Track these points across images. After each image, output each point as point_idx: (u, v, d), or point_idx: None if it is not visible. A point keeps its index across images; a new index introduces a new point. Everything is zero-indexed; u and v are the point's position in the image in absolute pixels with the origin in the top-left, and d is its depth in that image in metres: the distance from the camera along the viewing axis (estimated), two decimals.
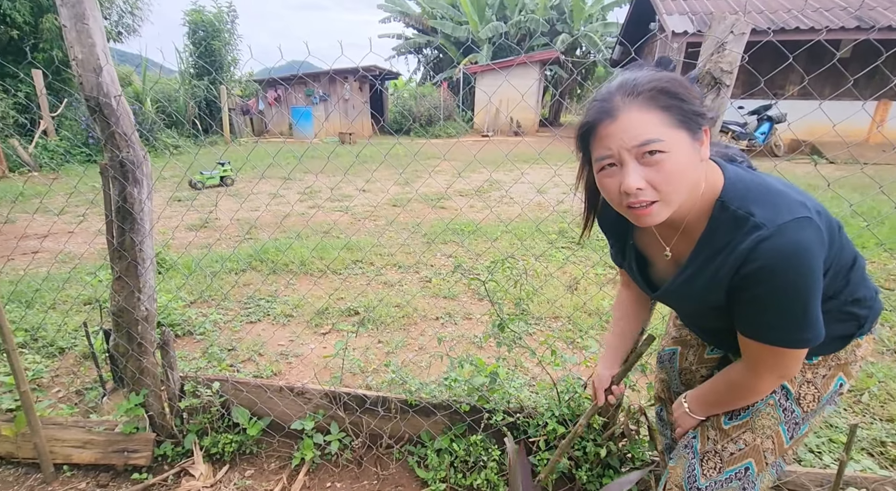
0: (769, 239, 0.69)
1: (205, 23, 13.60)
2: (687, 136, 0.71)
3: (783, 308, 0.73)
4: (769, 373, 0.83)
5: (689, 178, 0.73)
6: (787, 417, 0.90)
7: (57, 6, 1.29)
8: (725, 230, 0.75)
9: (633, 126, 0.70)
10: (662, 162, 0.70)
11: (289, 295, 3.14)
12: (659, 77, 0.72)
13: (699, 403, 0.98)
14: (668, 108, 0.70)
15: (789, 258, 0.69)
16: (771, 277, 0.71)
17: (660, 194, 0.72)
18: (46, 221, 4.88)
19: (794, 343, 0.77)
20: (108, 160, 1.45)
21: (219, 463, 1.69)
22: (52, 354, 2.37)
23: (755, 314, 0.77)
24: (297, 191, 6.74)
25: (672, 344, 1.20)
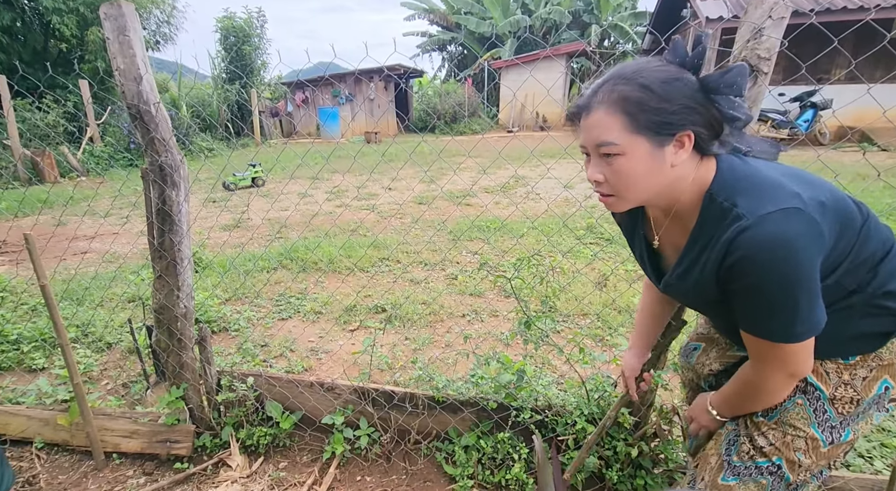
0: (748, 229, 0.70)
1: (235, 29, 14.05)
2: (646, 142, 0.74)
3: (771, 300, 0.73)
4: (776, 370, 0.81)
5: (644, 181, 0.77)
6: (819, 418, 0.86)
7: (101, 20, 1.36)
8: (712, 223, 0.76)
9: (596, 126, 0.76)
10: (616, 163, 0.76)
11: (318, 293, 3.22)
12: (633, 82, 0.73)
13: (723, 403, 0.96)
14: (631, 114, 0.73)
15: (770, 249, 0.69)
16: (753, 269, 0.71)
17: (614, 190, 0.80)
18: (94, 224, 5.18)
19: (788, 337, 0.76)
20: (149, 164, 1.52)
21: (254, 455, 1.76)
22: (101, 349, 2.52)
23: (746, 307, 0.77)
24: (324, 190, 6.89)
25: (697, 339, 1.18)
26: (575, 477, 1.46)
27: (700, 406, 1.01)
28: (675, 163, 0.76)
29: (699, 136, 0.75)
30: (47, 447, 1.81)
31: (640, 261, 1.01)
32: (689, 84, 0.74)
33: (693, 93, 0.74)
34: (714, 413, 0.97)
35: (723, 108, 0.75)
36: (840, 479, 1.32)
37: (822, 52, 1.33)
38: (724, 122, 0.77)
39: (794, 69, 9.08)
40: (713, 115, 0.75)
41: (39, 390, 2.03)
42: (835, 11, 8.37)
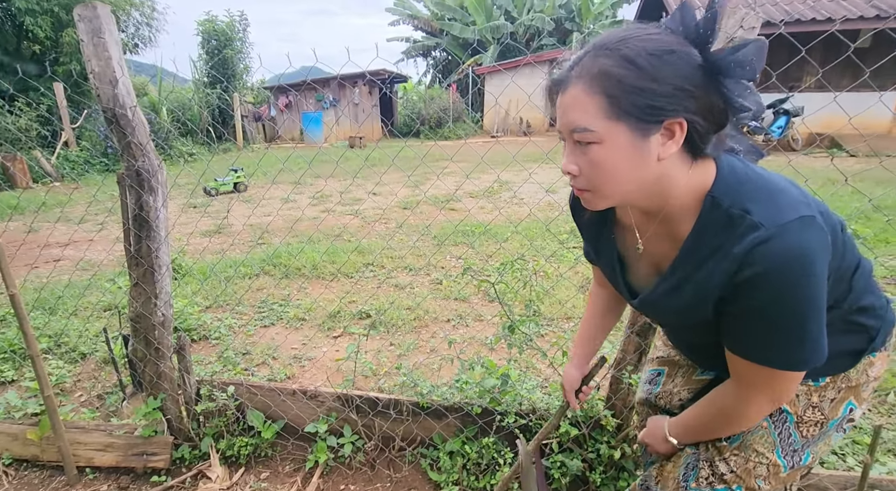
0: (769, 241, 0.59)
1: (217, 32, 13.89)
2: (627, 129, 0.61)
3: (781, 323, 0.64)
4: (761, 396, 0.72)
5: (625, 175, 0.65)
6: (783, 442, 0.80)
7: (75, 21, 1.33)
8: (716, 231, 0.65)
9: (572, 108, 0.64)
10: (592, 152, 0.64)
11: (301, 299, 3.18)
12: (616, 54, 0.60)
13: (683, 430, 0.86)
14: (611, 95, 0.60)
15: (791, 264, 0.59)
16: (769, 286, 0.61)
17: (590, 184, 0.68)
18: (68, 230, 5.02)
19: (792, 365, 0.67)
20: (125, 169, 1.48)
21: (235, 466, 1.72)
22: (75, 360, 2.44)
23: (748, 330, 0.67)
24: (308, 195, 6.82)
25: (658, 364, 1.06)
26: (559, 480, 1.47)
27: (657, 434, 0.91)
28: (662, 156, 0.63)
29: (694, 126, 0.62)
30: (16, 463, 1.74)
31: (607, 271, 0.88)
32: (688, 60, 0.60)
33: (691, 72, 0.60)
34: (674, 442, 0.88)
35: (730, 95, 0.61)
36: (815, 476, 1.35)
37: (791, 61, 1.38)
38: (729, 113, 0.63)
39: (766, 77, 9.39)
40: (715, 102, 0.62)
41: (8, 404, 1.95)
42: (804, 22, 8.71)
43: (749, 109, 0.62)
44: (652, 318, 0.93)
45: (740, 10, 1.12)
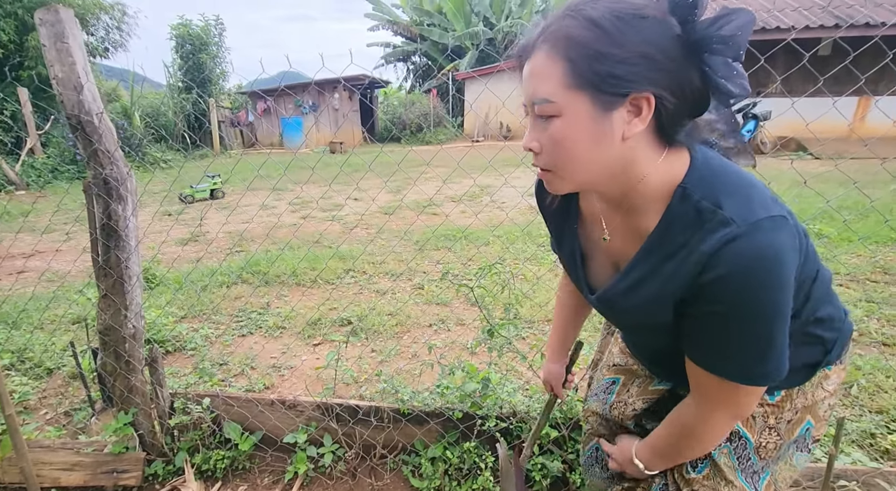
0: (739, 239, 0.54)
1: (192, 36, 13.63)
2: (587, 101, 0.55)
3: (745, 332, 0.59)
4: (720, 411, 0.68)
5: (586, 154, 0.58)
6: (742, 466, 0.77)
7: (36, 26, 1.29)
8: (684, 226, 0.59)
9: (533, 77, 0.58)
10: (552, 126, 0.58)
11: (280, 307, 3.13)
12: (580, 15, 0.55)
13: (652, 455, 0.81)
14: (573, 60, 0.54)
15: (761, 265, 0.55)
16: (736, 290, 0.56)
17: (551, 163, 0.62)
18: (32, 240, 4.83)
19: (753, 378, 0.62)
20: (92, 178, 1.44)
21: (211, 480, 1.67)
22: (40, 376, 2.34)
23: (709, 337, 0.62)
24: (288, 202, 6.73)
25: (615, 373, 0.98)
26: (539, 482, 1.48)
27: (624, 456, 0.86)
28: (627, 134, 0.57)
29: (662, 103, 0.55)
30: None
31: (568, 264, 0.82)
32: (662, 29, 0.53)
33: (664, 42, 0.53)
34: (641, 467, 0.82)
35: (711, 75, 0.55)
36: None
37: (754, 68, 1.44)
38: (711, 96, 0.57)
39: None
40: (691, 81, 0.55)
41: None
42: (769, 30, 9.08)
43: (732, 92, 0.55)
44: (609, 317, 0.86)
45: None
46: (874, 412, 1.85)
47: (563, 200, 0.79)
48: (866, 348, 2.34)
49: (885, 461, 1.59)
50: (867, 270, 3.28)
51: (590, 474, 1.04)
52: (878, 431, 1.72)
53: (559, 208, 0.81)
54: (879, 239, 3.82)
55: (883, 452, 1.64)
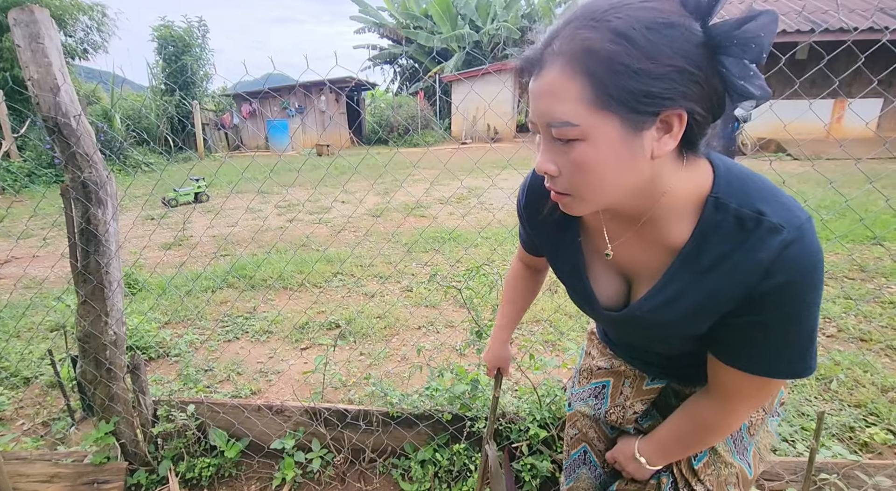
0: (794, 245, 0.53)
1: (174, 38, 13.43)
2: (617, 122, 0.50)
3: (797, 333, 0.58)
4: (745, 404, 0.68)
5: (613, 178, 0.54)
6: (737, 447, 0.81)
7: (10, 26, 1.25)
8: (724, 236, 0.57)
9: (547, 96, 0.52)
10: (575, 151, 0.53)
11: (267, 311, 3.09)
12: (603, 26, 0.48)
13: (658, 451, 0.80)
14: (598, 78, 0.49)
15: (815, 268, 0.54)
16: (795, 295, 0.55)
17: (572, 188, 0.57)
18: (8, 246, 4.69)
19: (800, 372, 0.62)
20: (70, 181, 1.41)
21: (196, 488, 1.64)
22: (16, 385, 2.27)
23: (761, 342, 0.60)
24: (273, 204, 6.66)
25: (602, 376, 0.95)
26: (529, 483, 1.48)
27: (625, 453, 0.85)
28: (657, 153, 0.53)
29: (694, 117, 0.51)
30: None
31: (570, 278, 0.77)
32: (689, 36, 0.48)
33: (693, 50, 0.48)
34: (643, 461, 0.81)
35: (730, 77, 0.51)
36: (768, 463, 1.42)
37: None
38: (729, 99, 0.53)
39: None
40: (716, 87, 0.51)
41: None
42: None
43: (753, 95, 0.52)
44: (621, 331, 0.81)
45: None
46: (853, 406, 1.90)
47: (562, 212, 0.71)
48: (844, 344, 2.40)
49: (864, 454, 1.63)
50: (844, 267, 3.37)
51: (574, 478, 1.02)
52: (856, 424, 1.77)
53: (555, 221, 0.74)
54: (855, 238, 3.93)
55: (862, 444, 1.68)
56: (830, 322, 2.63)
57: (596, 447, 0.98)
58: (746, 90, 0.51)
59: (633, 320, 0.70)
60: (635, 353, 0.89)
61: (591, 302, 0.74)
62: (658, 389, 0.87)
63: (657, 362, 0.85)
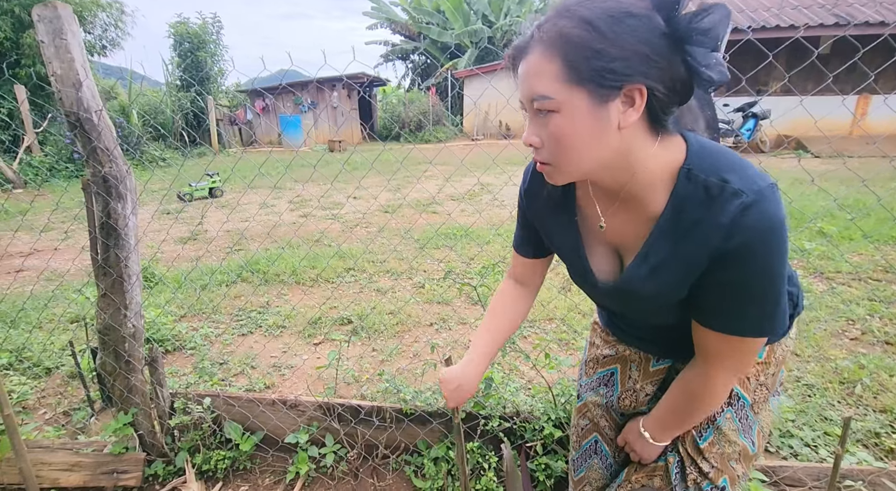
0: (752, 207, 0.60)
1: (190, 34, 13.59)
2: (585, 96, 0.59)
3: (762, 290, 0.64)
4: (726, 370, 0.73)
5: (586, 146, 0.62)
6: (743, 425, 0.84)
7: (34, 22, 1.27)
8: (695, 204, 0.63)
9: (531, 76, 0.62)
10: (552, 122, 0.62)
11: (280, 306, 3.11)
12: (574, 16, 0.58)
13: (659, 426, 0.85)
14: (569, 58, 0.58)
15: (773, 228, 0.60)
16: (755, 255, 0.61)
17: (551, 157, 0.65)
18: (30, 239, 4.80)
19: (769, 330, 0.68)
20: (91, 176, 1.42)
21: (212, 480, 1.66)
22: (38, 375, 2.32)
23: (727, 301, 0.67)
24: (287, 200, 6.71)
25: (609, 364, 0.98)
26: (543, 483, 1.47)
27: (633, 431, 0.90)
28: (623, 124, 0.61)
29: (654, 93, 0.59)
30: None
31: (570, 257, 0.82)
32: (650, 26, 0.57)
33: (653, 39, 0.57)
34: (647, 436, 0.86)
35: (695, 65, 0.59)
36: (789, 468, 1.39)
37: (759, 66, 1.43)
38: (694, 84, 0.61)
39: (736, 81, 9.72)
40: (677, 72, 0.59)
41: None
42: (769, 29, 9.06)
43: (713, 80, 0.60)
44: (621, 305, 0.85)
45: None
46: (878, 411, 1.84)
47: (560, 193, 0.80)
48: (870, 347, 2.33)
49: (890, 460, 1.58)
50: (869, 268, 3.27)
51: (586, 467, 1.03)
52: (882, 430, 1.72)
53: (554, 202, 0.82)
54: (881, 237, 3.82)
55: (888, 451, 1.63)
56: (854, 324, 2.56)
57: (607, 436, 1.00)
58: (707, 75, 0.59)
59: (625, 291, 0.76)
60: (635, 331, 0.92)
61: (588, 277, 0.80)
62: (664, 368, 0.91)
63: (655, 339, 0.89)
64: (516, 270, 0.99)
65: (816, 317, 2.63)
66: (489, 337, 0.96)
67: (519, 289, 0.99)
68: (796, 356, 2.28)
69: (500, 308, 0.98)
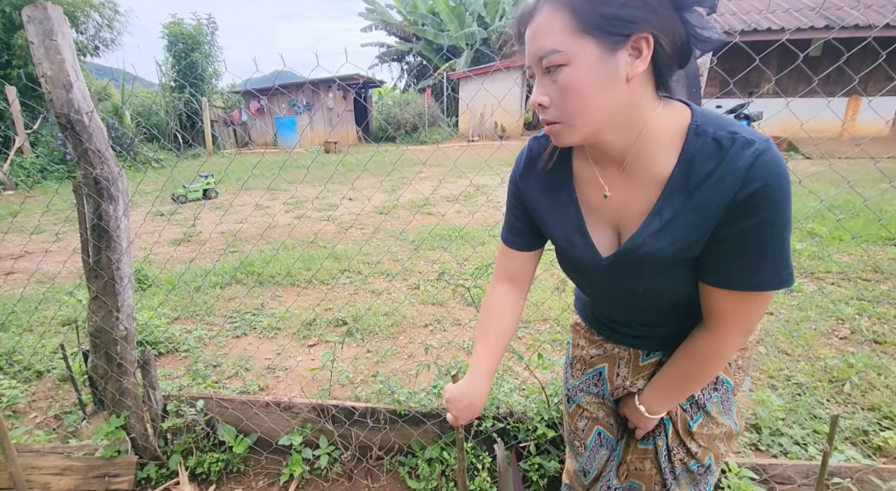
0: (766, 152, 0.61)
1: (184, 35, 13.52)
2: (594, 45, 0.60)
3: (776, 237, 0.64)
4: (738, 331, 0.73)
5: (595, 98, 0.63)
6: (725, 407, 0.88)
7: (24, 23, 1.26)
8: (707, 156, 0.64)
9: (539, 33, 0.63)
10: (561, 77, 0.62)
11: (275, 307, 3.10)
12: None
13: (658, 398, 0.85)
14: (576, 9, 0.60)
15: (784, 173, 0.62)
16: (774, 198, 0.62)
17: (560, 115, 0.66)
18: (21, 241, 4.76)
19: (781, 281, 0.67)
20: (82, 178, 1.42)
21: (205, 483, 1.65)
22: (29, 379, 2.30)
23: (749, 253, 0.66)
24: (282, 202, 6.69)
25: (597, 363, 0.97)
26: (536, 483, 1.48)
27: (629, 406, 0.92)
28: (630, 74, 0.62)
29: (659, 44, 0.61)
30: None
31: (573, 236, 0.80)
32: None
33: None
34: (643, 410, 0.87)
35: (693, 27, 0.62)
36: (779, 466, 1.41)
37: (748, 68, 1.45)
38: (692, 46, 0.64)
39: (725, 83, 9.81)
40: (679, 29, 0.62)
41: None
42: (760, 31, 9.16)
43: (710, 41, 0.63)
44: (615, 285, 0.80)
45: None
46: (866, 409, 1.87)
47: (558, 171, 0.80)
48: (858, 346, 2.36)
49: (878, 458, 1.60)
50: (858, 268, 3.31)
51: (596, 465, 1.02)
52: (870, 428, 1.74)
53: (551, 182, 0.81)
54: (870, 238, 3.87)
55: (875, 448, 1.65)
56: (844, 324, 2.59)
57: (607, 423, 1.00)
58: (703, 36, 0.63)
59: (629, 259, 0.74)
60: (623, 329, 0.90)
61: (593, 254, 0.78)
62: (655, 362, 0.89)
63: (646, 335, 0.87)
64: (507, 269, 0.93)
65: (806, 316, 2.66)
66: (488, 350, 0.91)
67: (510, 292, 0.93)
68: (786, 355, 2.30)
69: (494, 318, 0.92)
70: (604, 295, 0.89)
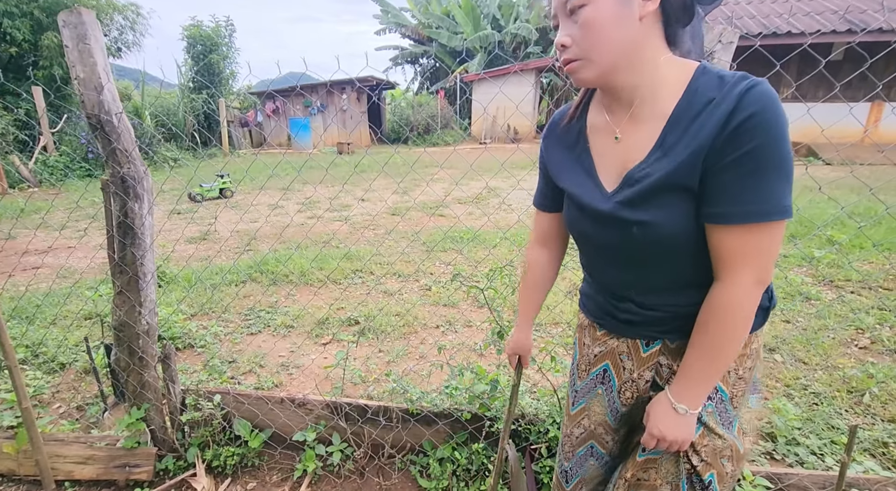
0: (759, 85, 0.67)
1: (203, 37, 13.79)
2: None
3: (775, 163, 0.68)
4: (749, 274, 0.73)
5: (612, 33, 0.71)
6: (722, 419, 0.86)
7: (59, 27, 1.32)
8: (708, 89, 0.71)
9: None
10: (582, 16, 0.71)
11: (289, 306, 3.15)
12: None
13: (688, 384, 0.80)
14: None
15: (778, 104, 0.67)
16: (767, 122, 0.66)
17: (581, 51, 0.74)
18: (47, 237, 4.90)
19: (783, 211, 0.69)
20: (110, 176, 1.47)
21: (221, 476, 1.69)
22: (54, 370, 2.37)
23: (741, 182, 0.69)
24: (296, 202, 6.78)
25: (601, 360, 0.97)
26: (548, 485, 1.48)
27: (661, 411, 0.83)
28: (643, 13, 0.71)
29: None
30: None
31: (585, 181, 0.86)
32: None
33: None
34: (683, 407, 0.80)
35: None
36: (794, 475, 1.39)
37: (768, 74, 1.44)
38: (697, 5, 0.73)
39: None
40: None
41: None
42: (780, 35, 9.01)
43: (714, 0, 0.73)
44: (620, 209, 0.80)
45: (719, 25, 1.16)
46: (886, 421, 1.83)
47: (575, 125, 0.90)
48: (878, 357, 2.31)
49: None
50: (879, 277, 3.24)
51: (581, 472, 1.05)
52: (890, 440, 1.71)
53: (568, 137, 0.91)
54: (892, 246, 3.78)
55: (895, 461, 1.62)
56: (863, 333, 2.54)
57: (602, 439, 1.00)
58: None
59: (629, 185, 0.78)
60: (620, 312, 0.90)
61: (600, 191, 0.83)
62: (656, 351, 0.90)
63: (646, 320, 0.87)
64: (539, 231, 1.06)
65: (825, 325, 2.62)
66: (526, 303, 1.12)
67: (543, 252, 1.07)
68: (804, 364, 2.26)
69: (530, 272, 1.09)
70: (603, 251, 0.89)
